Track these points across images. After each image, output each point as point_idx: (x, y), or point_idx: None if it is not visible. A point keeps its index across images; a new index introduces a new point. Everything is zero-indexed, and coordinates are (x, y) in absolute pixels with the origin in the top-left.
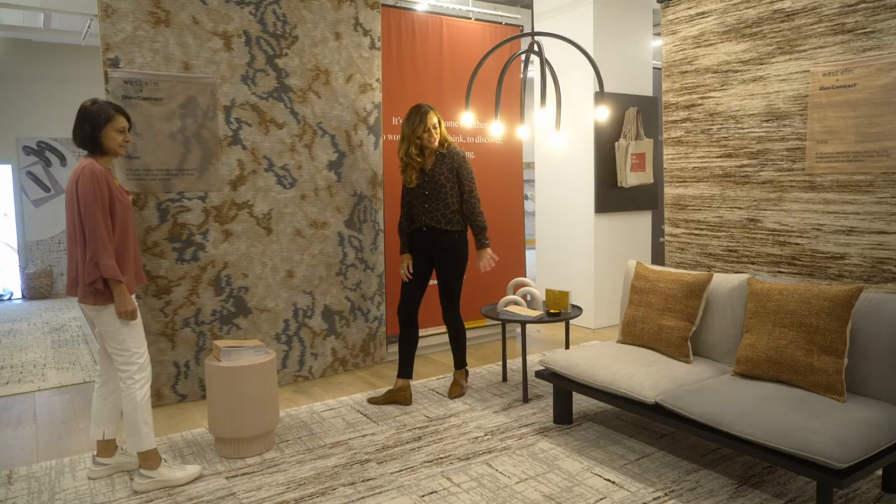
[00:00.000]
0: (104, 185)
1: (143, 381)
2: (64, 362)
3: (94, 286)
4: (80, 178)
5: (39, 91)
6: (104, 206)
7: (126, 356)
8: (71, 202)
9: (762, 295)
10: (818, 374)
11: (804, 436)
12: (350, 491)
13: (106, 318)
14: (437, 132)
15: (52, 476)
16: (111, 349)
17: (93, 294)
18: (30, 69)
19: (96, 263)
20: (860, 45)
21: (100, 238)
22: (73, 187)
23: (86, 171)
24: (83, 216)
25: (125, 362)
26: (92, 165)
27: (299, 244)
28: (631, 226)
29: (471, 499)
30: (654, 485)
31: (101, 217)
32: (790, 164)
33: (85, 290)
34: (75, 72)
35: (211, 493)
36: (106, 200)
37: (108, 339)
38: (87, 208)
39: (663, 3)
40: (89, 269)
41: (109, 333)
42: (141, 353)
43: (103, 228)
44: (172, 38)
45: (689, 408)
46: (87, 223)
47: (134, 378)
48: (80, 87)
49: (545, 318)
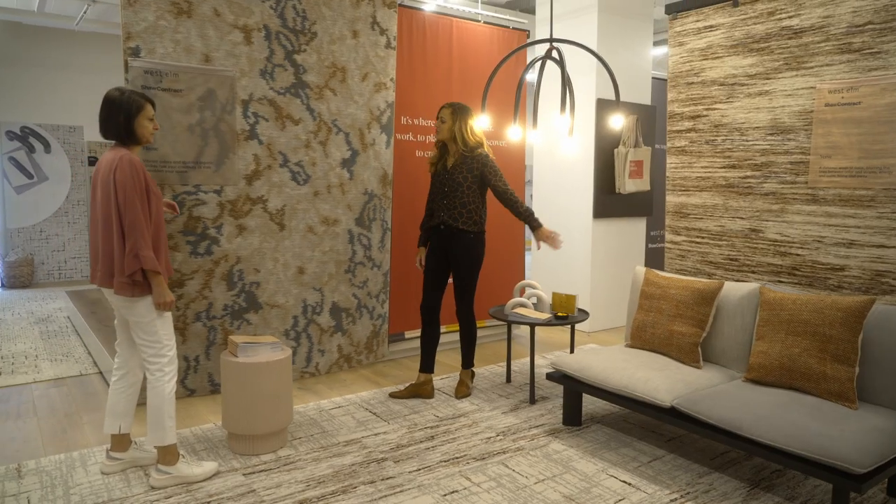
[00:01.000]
0: (142, 175)
1: (172, 374)
2: (56, 354)
3: (133, 278)
4: (117, 168)
5: (26, 75)
6: (143, 197)
7: (157, 348)
8: (106, 192)
9: (775, 304)
10: (831, 382)
11: (823, 442)
12: (371, 489)
13: (141, 310)
14: (443, 125)
15: (62, 470)
16: (141, 341)
17: (130, 286)
18: (17, 53)
19: (136, 255)
20: (866, 65)
21: (139, 229)
22: (110, 177)
23: (124, 161)
24: (123, 207)
25: (156, 354)
26: (130, 156)
27: (311, 241)
28: (626, 231)
29: (492, 498)
30: (669, 487)
31: (141, 208)
32: (793, 177)
33: (123, 281)
34: (66, 57)
35: (230, 490)
36: (144, 191)
37: (140, 330)
38: (127, 199)
39: (671, 15)
40: (129, 261)
41: (142, 325)
42: (171, 345)
43: (142, 220)
44: (194, 30)
45: (707, 412)
46: (127, 214)
47: (164, 370)
48: (72, 74)
49: (553, 320)
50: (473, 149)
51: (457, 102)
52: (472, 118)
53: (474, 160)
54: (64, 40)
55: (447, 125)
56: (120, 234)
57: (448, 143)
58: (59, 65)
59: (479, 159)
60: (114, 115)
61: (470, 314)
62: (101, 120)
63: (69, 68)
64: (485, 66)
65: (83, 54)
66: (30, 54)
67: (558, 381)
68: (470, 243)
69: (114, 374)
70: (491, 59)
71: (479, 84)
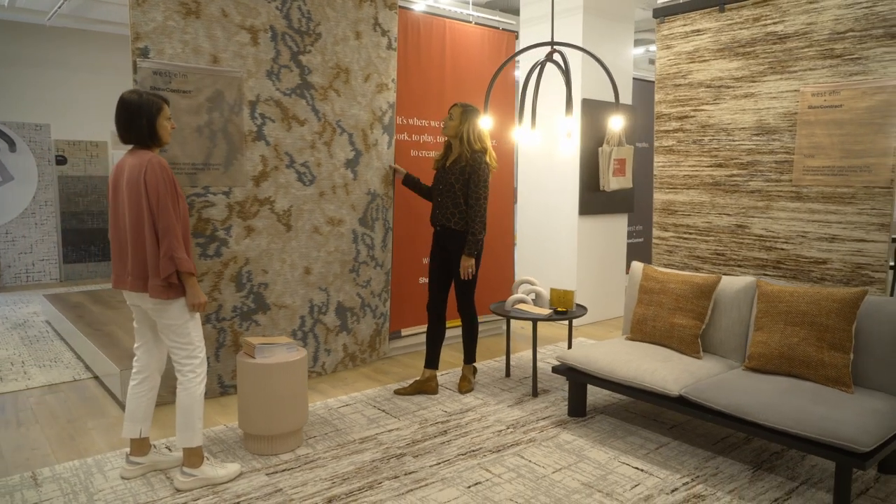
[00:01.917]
0: (171, 177)
1: (203, 375)
2: (43, 360)
3: (169, 280)
4: (147, 171)
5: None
6: (174, 200)
7: (189, 350)
8: (135, 196)
9: (773, 296)
10: (828, 369)
11: (828, 424)
12: (396, 484)
13: (174, 312)
14: (450, 122)
15: (80, 477)
16: (174, 343)
17: (166, 288)
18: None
19: (171, 257)
20: (847, 70)
21: (173, 232)
22: (141, 179)
23: (153, 163)
24: (157, 210)
25: (188, 356)
26: (157, 158)
27: (317, 241)
28: (610, 227)
29: (515, 489)
30: (679, 471)
31: (173, 210)
32: (778, 175)
33: (158, 284)
34: (36, 54)
35: (257, 490)
36: (175, 194)
37: (172, 333)
38: (160, 202)
39: (659, 19)
40: (165, 264)
41: (175, 327)
42: (202, 346)
43: (175, 222)
44: (202, 30)
45: (715, 399)
46: (161, 217)
47: (196, 371)
48: (44, 70)
49: (553, 316)
50: (475, 152)
51: (467, 103)
52: (479, 121)
53: (468, 163)
54: (35, 36)
55: (454, 123)
56: (153, 238)
57: (452, 141)
58: (28, 61)
59: (473, 164)
60: (135, 118)
61: (471, 311)
62: (122, 125)
63: (39, 65)
64: (477, 66)
65: (55, 50)
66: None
67: (563, 373)
68: (464, 242)
69: (133, 378)
70: (483, 60)
71: (472, 84)
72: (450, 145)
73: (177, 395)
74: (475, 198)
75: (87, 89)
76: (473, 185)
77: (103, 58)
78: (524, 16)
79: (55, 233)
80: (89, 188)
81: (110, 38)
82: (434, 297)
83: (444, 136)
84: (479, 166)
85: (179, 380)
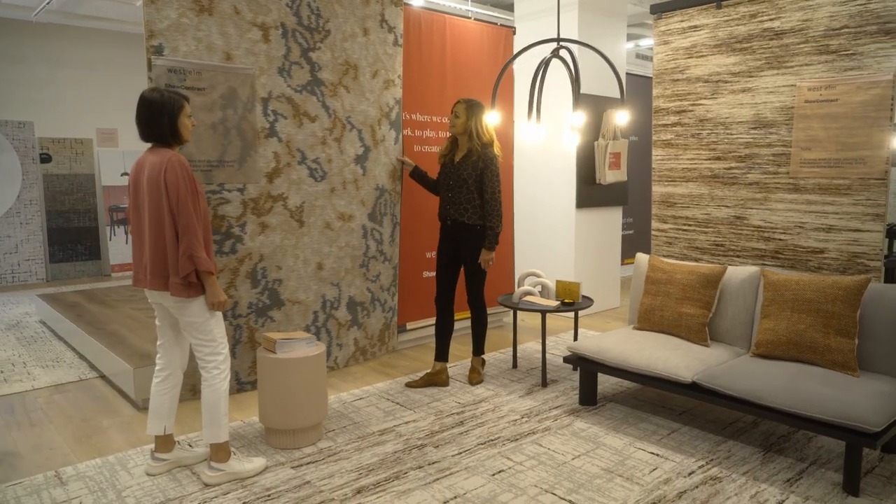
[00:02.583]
0: (191, 176)
1: (227, 371)
2: (45, 360)
3: (188, 279)
4: (168, 169)
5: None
6: (194, 198)
7: (212, 347)
8: (156, 195)
9: (779, 285)
10: (835, 354)
11: (838, 406)
12: (422, 474)
13: (195, 310)
14: (457, 120)
15: (105, 474)
16: (196, 341)
17: (185, 287)
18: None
19: (190, 256)
20: (842, 65)
21: (193, 231)
22: (160, 178)
23: (173, 162)
24: (176, 209)
25: (211, 353)
26: (178, 156)
27: (328, 237)
28: (605, 220)
29: (538, 475)
30: (693, 455)
31: (193, 209)
32: (776, 167)
33: (178, 283)
34: (21, 50)
35: (285, 483)
36: (195, 191)
37: (195, 330)
38: (180, 201)
39: (657, 15)
40: (184, 263)
41: (196, 325)
42: (225, 343)
43: (195, 221)
44: (215, 27)
45: (728, 385)
46: (181, 216)
47: (220, 368)
48: (28, 67)
49: (562, 307)
50: (485, 146)
51: (471, 98)
52: (485, 115)
53: (480, 158)
54: (19, 33)
55: (461, 120)
56: (173, 236)
57: (459, 137)
58: (12, 58)
59: (485, 159)
60: (157, 116)
61: (481, 303)
62: (143, 123)
63: (23, 61)
64: (476, 62)
65: (40, 47)
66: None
67: (575, 363)
68: (478, 235)
69: (156, 376)
70: (482, 56)
71: (472, 80)
72: (455, 140)
73: (202, 391)
74: (491, 192)
75: (73, 86)
76: (488, 179)
77: (91, 54)
78: (519, 12)
79: (41, 232)
80: (75, 186)
81: (99, 34)
82: (443, 291)
83: (451, 133)
84: (490, 160)
85: (203, 376)
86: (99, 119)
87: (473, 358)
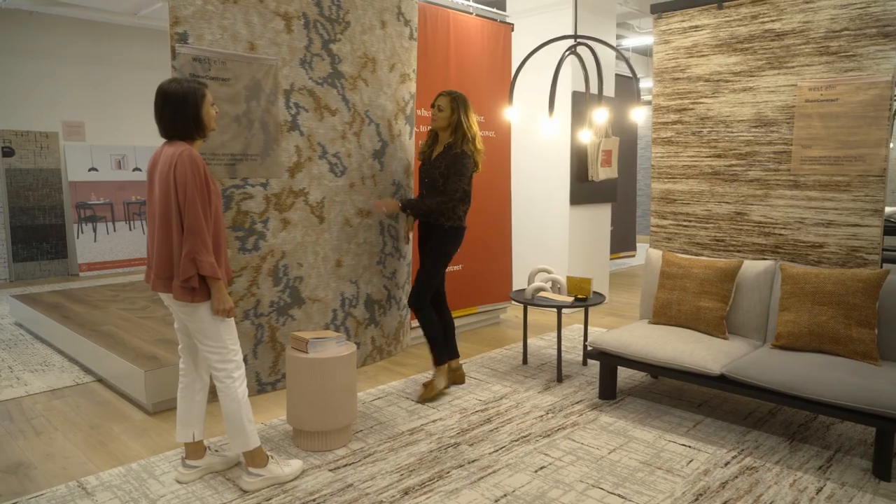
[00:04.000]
0: (203, 171)
1: (241, 378)
2: (32, 364)
3: (190, 283)
4: (177, 164)
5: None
6: (204, 197)
7: (223, 354)
8: (165, 190)
9: (798, 278)
10: (857, 344)
11: (868, 394)
12: (464, 473)
13: (201, 316)
14: (440, 114)
15: (132, 483)
16: (206, 348)
17: (189, 291)
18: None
19: (193, 259)
20: (842, 66)
21: (199, 232)
22: (170, 174)
23: (184, 156)
24: (184, 207)
25: (222, 360)
26: (190, 151)
27: (347, 233)
28: (596, 216)
29: (580, 470)
30: (723, 446)
31: (201, 209)
32: (776, 165)
33: (180, 286)
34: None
35: (327, 486)
36: (205, 190)
37: (203, 337)
38: (188, 199)
39: (657, 14)
40: (185, 265)
41: (204, 331)
42: (237, 349)
43: (203, 222)
44: (240, 16)
45: (758, 376)
46: (188, 215)
47: (233, 376)
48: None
49: (576, 303)
50: (467, 141)
51: (455, 91)
52: (470, 108)
53: (451, 154)
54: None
55: (444, 115)
56: (179, 236)
57: (440, 132)
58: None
59: (455, 155)
60: (181, 110)
61: (416, 304)
62: (167, 118)
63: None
64: (478, 57)
65: (2, 35)
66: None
67: (596, 358)
68: (443, 235)
69: (181, 381)
70: (483, 51)
71: (475, 75)
72: (436, 135)
73: (220, 401)
74: (452, 189)
75: (38, 76)
76: (453, 174)
77: (61, 44)
78: (511, 9)
79: (3, 230)
80: (40, 182)
81: (67, 21)
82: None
83: (432, 128)
84: (461, 156)
85: (217, 386)
86: (65, 111)
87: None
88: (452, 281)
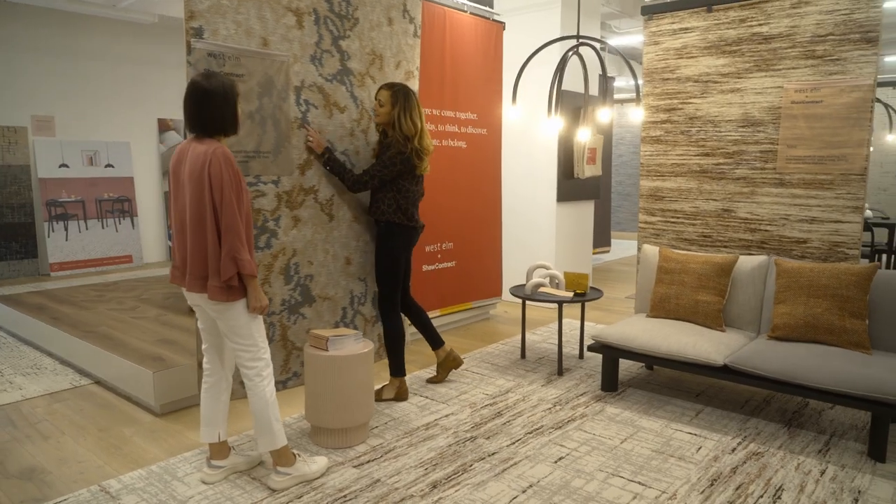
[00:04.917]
0: (236, 170)
1: (270, 376)
2: (22, 367)
3: (230, 282)
4: (212, 163)
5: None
6: (239, 196)
7: (254, 352)
8: (198, 189)
9: (793, 272)
10: (850, 334)
11: (865, 381)
12: (487, 465)
13: (235, 314)
14: (381, 109)
15: (157, 486)
16: (237, 346)
17: (226, 290)
18: None
19: (234, 258)
20: (827, 70)
21: (237, 231)
22: (204, 172)
23: (218, 154)
24: (220, 206)
25: (253, 358)
26: (223, 149)
27: (355, 231)
28: (580, 213)
29: (598, 460)
30: (727, 433)
31: (237, 207)
32: (763, 163)
33: (218, 286)
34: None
35: (355, 483)
36: (239, 188)
37: (235, 335)
38: (224, 198)
39: (647, 16)
40: (226, 265)
41: (237, 329)
42: (266, 347)
43: (239, 220)
44: (253, 11)
45: (762, 366)
46: (225, 215)
47: (262, 375)
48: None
49: (575, 298)
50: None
51: (398, 83)
52: (414, 102)
53: (387, 147)
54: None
55: (385, 109)
56: (216, 236)
57: (387, 128)
58: None
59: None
60: (219, 107)
61: (381, 314)
62: (204, 116)
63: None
64: (472, 56)
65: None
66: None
67: (599, 351)
68: (380, 234)
69: (204, 382)
70: (476, 49)
71: (469, 74)
72: (385, 133)
73: (248, 399)
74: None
75: (5, 69)
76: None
77: (33, 36)
78: (498, 7)
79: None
80: (8, 179)
81: (35, 12)
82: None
83: (376, 123)
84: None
85: (247, 384)
86: (34, 105)
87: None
88: (444, 277)
